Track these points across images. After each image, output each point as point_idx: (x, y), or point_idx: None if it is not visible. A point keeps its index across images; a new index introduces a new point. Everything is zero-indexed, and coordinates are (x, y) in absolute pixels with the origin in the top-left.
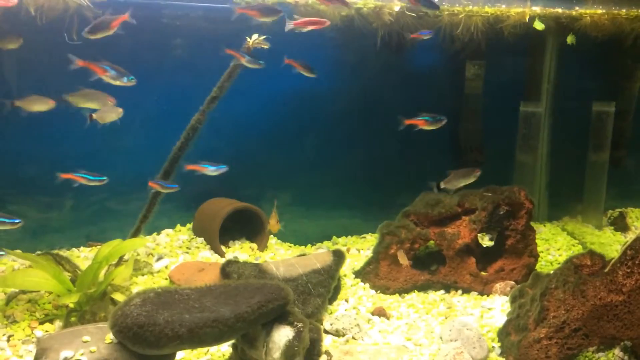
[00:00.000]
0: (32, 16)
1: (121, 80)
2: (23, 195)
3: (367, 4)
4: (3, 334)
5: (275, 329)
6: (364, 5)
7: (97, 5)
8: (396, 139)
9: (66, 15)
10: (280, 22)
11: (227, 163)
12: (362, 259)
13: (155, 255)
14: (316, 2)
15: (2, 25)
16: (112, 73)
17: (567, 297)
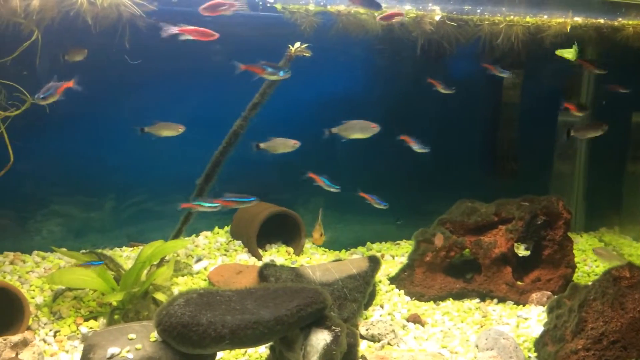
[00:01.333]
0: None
1: (277, 75)
2: (67, 196)
3: (409, 14)
4: (50, 329)
5: (313, 333)
6: (406, 15)
7: (148, 13)
8: (432, 146)
9: (119, 24)
10: (321, 30)
11: (263, 167)
12: (397, 266)
13: (195, 257)
14: (358, 12)
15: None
16: (269, 70)
17: (606, 309)
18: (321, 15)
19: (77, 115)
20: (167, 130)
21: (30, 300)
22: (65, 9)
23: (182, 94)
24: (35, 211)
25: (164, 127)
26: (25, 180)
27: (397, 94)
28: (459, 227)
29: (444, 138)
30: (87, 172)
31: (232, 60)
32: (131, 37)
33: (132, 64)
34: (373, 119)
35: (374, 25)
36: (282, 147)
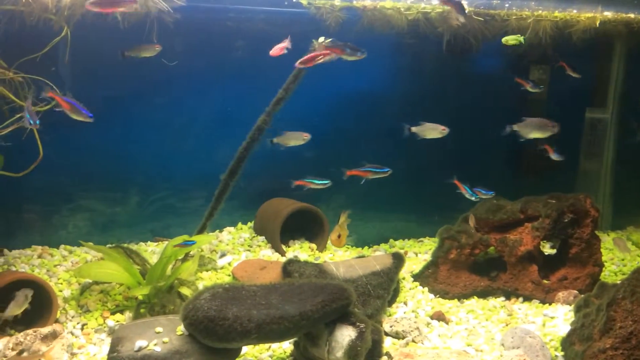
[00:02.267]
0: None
1: (356, 55)
2: (93, 191)
3: (436, 8)
4: (77, 322)
5: (337, 329)
6: (432, 10)
7: (178, 10)
8: (455, 143)
9: (147, 20)
10: (346, 25)
11: (285, 163)
12: (420, 263)
13: (219, 252)
14: (384, 7)
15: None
16: (348, 51)
17: (635, 308)
18: (346, 11)
19: (103, 112)
20: (294, 139)
21: (58, 294)
22: None
23: (206, 89)
24: (62, 206)
25: (291, 137)
26: (52, 175)
27: (422, 90)
28: (484, 225)
29: (468, 134)
30: (112, 167)
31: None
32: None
33: (165, 62)
34: (397, 115)
35: (400, 21)
36: (295, 140)
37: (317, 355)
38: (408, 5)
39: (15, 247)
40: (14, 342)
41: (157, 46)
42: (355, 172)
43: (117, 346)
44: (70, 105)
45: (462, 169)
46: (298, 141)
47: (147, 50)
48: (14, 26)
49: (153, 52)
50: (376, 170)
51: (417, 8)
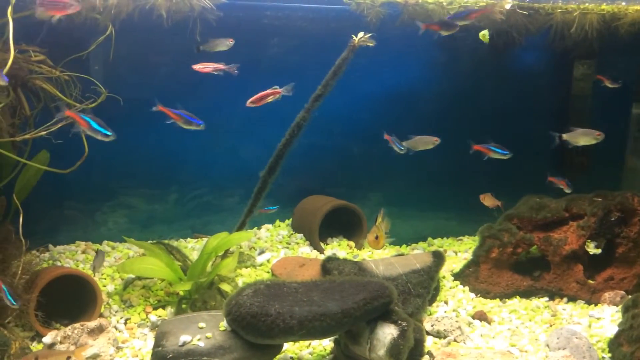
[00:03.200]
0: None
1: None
2: (133, 188)
3: (479, 2)
4: (121, 317)
5: (379, 327)
6: (475, 4)
7: (219, 7)
8: (496, 140)
9: (190, 18)
10: (386, 21)
11: (322, 160)
12: (460, 262)
13: (257, 249)
14: (426, 2)
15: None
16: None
17: None
18: (387, 6)
19: (143, 109)
20: (423, 144)
21: (102, 289)
22: (141, 4)
23: (245, 86)
24: (103, 203)
25: (420, 141)
26: (94, 172)
27: (463, 86)
28: (527, 223)
29: (510, 131)
30: (152, 165)
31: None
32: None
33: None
34: (437, 113)
35: (442, 15)
36: (424, 145)
37: (359, 353)
38: (450, 0)
39: (59, 243)
40: (62, 336)
41: (230, 40)
42: (480, 148)
43: (162, 340)
44: (180, 116)
45: (503, 166)
46: (427, 145)
47: (221, 44)
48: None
49: (226, 47)
50: (499, 150)
51: (460, 2)
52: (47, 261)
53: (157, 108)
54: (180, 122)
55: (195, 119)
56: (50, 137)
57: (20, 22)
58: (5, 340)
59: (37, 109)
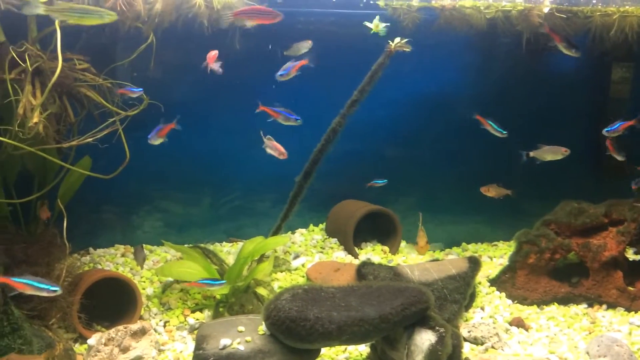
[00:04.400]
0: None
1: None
2: (169, 192)
3: (517, 6)
4: (160, 319)
5: (417, 332)
6: (513, 8)
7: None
8: (531, 144)
9: (230, 26)
10: (422, 26)
11: (355, 165)
12: (496, 267)
13: (292, 254)
14: (464, 6)
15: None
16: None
17: None
18: (424, 11)
19: (177, 114)
20: (552, 154)
21: (142, 291)
22: (184, 12)
23: (281, 92)
24: (140, 207)
25: (549, 151)
26: (131, 176)
27: (499, 90)
28: (565, 229)
29: (546, 135)
30: (188, 169)
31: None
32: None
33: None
34: (467, 116)
35: (479, 20)
36: (552, 155)
37: (396, 358)
38: (488, 4)
39: (99, 246)
40: (106, 338)
41: (308, 42)
42: (480, 118)
43: (202, 344)
44: (280, 114)
45: (540, 171)
46: (556, 156)
47: (302, 46)
48: (105, 33)
49: (307, 49)
50: (496, 127)
51: (497, 6)
52: (88, 264)
53: (259, 109)
54: (281, 119)
55: (293, 115)
56: (97, 143)
57: (64, 31)
58: (50, 342)
59: (80, 116)
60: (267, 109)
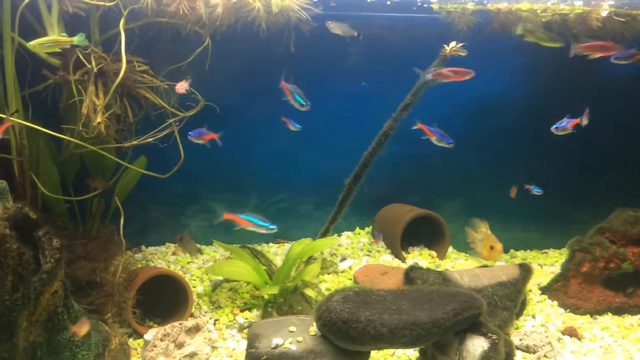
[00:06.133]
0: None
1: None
2: (216, 192)
3: (575, 9)
4: (210, 317)
5: (468, 338)
6: (571, 11)
7: (314, 18)
8: (583, 149)
9: (285, 29)
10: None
11: (402, 168)
12: (547, 275)
13: (339, 256)
14: (520, 9)
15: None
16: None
17: None
18: (478, 14)
19: (228, 116)
20: None
21: (192, 289)
22: (243, 16)
23: (330, 95)
24: (188, 207)
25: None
26: (181, 176)
27: (553, 93)
28: (621, 237)
29: (598, 140)
30: (235, 170)
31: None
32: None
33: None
34: (518, 121)
35: (535, 23)
36: None
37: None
38: (545, 7)
39: (151, 244)
40: (162, 333)
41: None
42: (423, 127)
43: (255, 342)
44: (435, 134)
45: (593, 177)
46: None
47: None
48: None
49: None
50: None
51: (555, 9)
52: (140, 261)
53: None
54: (435, 140)
55: (446, 138)
56: (158, 142)
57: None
58: (107, 336)
59: (139, 117)
60: (423, 127)
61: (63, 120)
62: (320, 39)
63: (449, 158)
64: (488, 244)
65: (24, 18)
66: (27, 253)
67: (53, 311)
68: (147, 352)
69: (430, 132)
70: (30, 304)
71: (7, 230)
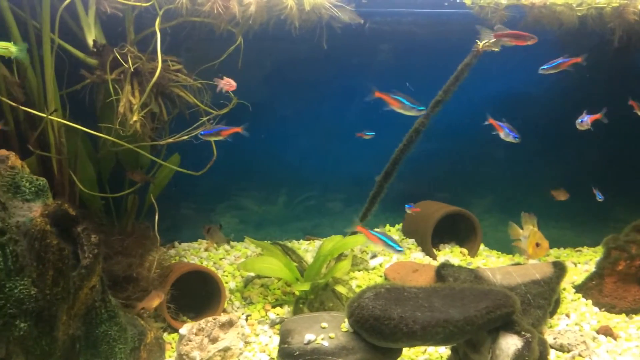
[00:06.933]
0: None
1: None
2: (246, 190)
3: (611, 3)
4: (242, 312)
5: (501, 337)
6: (607, 4)
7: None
8: (615, 145)
9: (317, 27)
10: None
11: (431, 165)
12: (581, 274)
13: (370, 253)
14: (555, 3)
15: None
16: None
17: None
18: (512, 9)
19: (259, 113)
20: None
21: (225, 285)
22: (276, 14)
23: (360, 92)
24: (219, 203)
25: None
26: (212, 174)
27: (588, 89)
28: None
29: (635, 136)
30: (265, 168)
31: None
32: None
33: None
34: (548, 116)
35: (571, 17)
36: None
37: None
38: (580, 1)
39: (183, 241)
40: (197, 328)
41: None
42: (493, 122)
43: (287, 338)
44: (503, 129)
45: (629, 174)
46: None
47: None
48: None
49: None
50: (510, 132)
51: (591, 3)
52: (173, 257)
53: (488, 121)
54: (501, 134)
55: (514, 133)
56: (192, 139)
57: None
58: (142, 330)
59: (172, 115)
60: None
61: (99, 119)
62: (351, 36)
63: (479, 154)
64: (534, 241)
65: (61, 19)
66: (67, 248)
67: (91, 305)
68: (182, 346)
69: (499, 127)
70: (70, 298)
71: (47, 226)
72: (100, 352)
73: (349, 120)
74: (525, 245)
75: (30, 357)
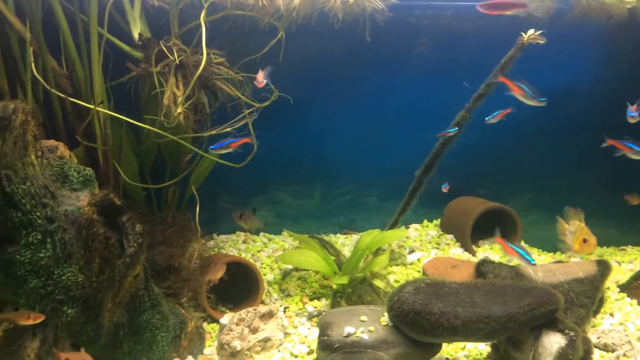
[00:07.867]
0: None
1: None
2: (285, 184)
3: None
4: (280, 305)
5: (544, 334)
6: None
7: (389, 7)
8: None
9: (360, 19)
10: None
11: (470, 160)
12: (625, 273)
13: (407, 248)
14: None
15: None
16: None
17: None
18: (559, 1)
19: (298, 107)
20: None
21: (263, 277)
22: (319, 7)
23: (400, 85)
24: (258, 196)
25: None
26: (250, 167)
27: (635, 83)
28: None
29: None
30: (302, 162)
31: None
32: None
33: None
34: (593, 113)
35: (620, 9)
36: None
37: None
38: None
39: (222, 233)
40: (237, 318)
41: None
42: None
43: (327, 330)
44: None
45: None
46: None
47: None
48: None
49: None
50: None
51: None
52: (212, 249)
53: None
54: (519, 94)
55: (537, 95)
56: (235, 131)
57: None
58: (183, 319)
59: (214, 108)
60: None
61: (144, 111)
62: (392, 29)
63: (520, 150)
64: (581, 237)
65: (108, 13)
66: (112, 237)
67: (135, 293)
68: (223, 335)
69: (516, 87)
70: (115, 286)
71: (94, 215)
72: (142, 339)
73: (387, 115)
74: (571, 241)
75: (77, 343)
